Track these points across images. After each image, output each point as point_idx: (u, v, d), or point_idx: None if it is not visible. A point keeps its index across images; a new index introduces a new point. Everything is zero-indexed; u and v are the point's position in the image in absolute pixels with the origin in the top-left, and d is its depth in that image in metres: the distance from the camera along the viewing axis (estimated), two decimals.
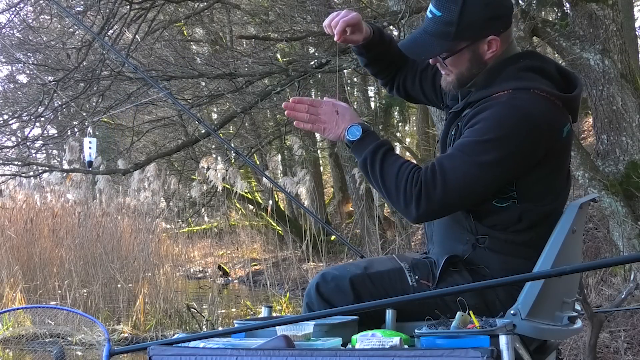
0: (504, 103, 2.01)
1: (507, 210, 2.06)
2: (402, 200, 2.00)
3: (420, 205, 1.97)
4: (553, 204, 2.11)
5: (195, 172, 11.27)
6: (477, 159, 1.95)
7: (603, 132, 5.81)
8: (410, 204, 1.98)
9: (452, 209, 2.04)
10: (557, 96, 2.04)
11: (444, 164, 1.98)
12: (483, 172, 1.96)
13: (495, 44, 2.10)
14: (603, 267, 5.16)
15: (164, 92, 3.70)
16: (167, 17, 9.00)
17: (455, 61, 2.12)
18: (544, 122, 2.00)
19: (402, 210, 2.03)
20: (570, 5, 6.03)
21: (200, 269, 13.62)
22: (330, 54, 7.32)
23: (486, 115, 2.00)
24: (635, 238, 5.35)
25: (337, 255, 11.24)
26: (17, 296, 8.11)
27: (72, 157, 9.69)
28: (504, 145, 1.96)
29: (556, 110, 2.04)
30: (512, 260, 2.08)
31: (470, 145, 1.98)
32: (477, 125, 2.00)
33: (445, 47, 2.10)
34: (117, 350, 1.96)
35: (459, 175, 1.96)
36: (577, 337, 4.53)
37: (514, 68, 2.10)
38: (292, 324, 1.89)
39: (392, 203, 2.05)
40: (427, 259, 2.20)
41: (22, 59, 9.60)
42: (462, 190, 1.97)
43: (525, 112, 1.98)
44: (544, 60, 2.20)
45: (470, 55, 2.11)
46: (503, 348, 1.69)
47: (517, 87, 2.03)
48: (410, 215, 2.00)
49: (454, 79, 2.16)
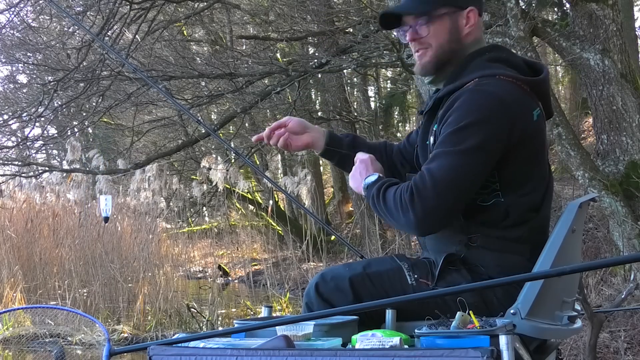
0: (471, 90, 2.03)
1: (493, 207, 2.07)
2: (401, 213, 1.99)
3: (415, 207, 1.96)
4: (534, 194, 2.11)
5: (197, 172, 11.28)
6: (459, 148, 1.96)
7: (603, 132, 5.81)
8: (407, 211, 1.97)
9: (451, 204, 1.99)
10: (523, 80, 2.07)
11: (430, 165, 1.99)
12: (469, 159, 1.96)
13: (473, 17, 2.15)
14: (603, 267, 5.16)
15: (164, 92, 3.70)
16: (167, 17, 9.00)
17: (435, 30, 2.15)
18: (514, 103, 2.02)
19: (404, 223, 2.00)
20: (570, 5, 6.04)
21: (200, 269, 13.63)
22: (330, 54, 7.33)
23: (457, 105, 2.02)
24: (635, 238, 5.36)
25: (337, 255, 11.25)
26: (17, 296, 8.12)
27: (74, 157, 9.68)
28: (482, 129, 1.97)
29: (524, 94, 2.06)
30: (506, 257, 2.09)
31: (448, 138, 1.98)
32: (450, 118, 2.01)
33: (427, 7, 2.14)
34: (117, 350, 1.96)
35: (447, 169, 1.95)
36: (577, 337, 4.53)
37: (480, 60, 2.13)
38: (292, 324, 1.89)
39: (397, 223, 2.04)
40: (426, 258, 2.21)
41: (22, 59, 9.61)
42: (454, 182, 1.96)
43: (494, 94, 2.01)
44: (509, 53, 2.25)
45: (450, 25, 2.14)
46: (503, 348, 1.69)
47: (483, 75, 2.06)
48: (410, 223, 1.98)
49: (432, 56, 2.17)
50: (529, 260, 2.08)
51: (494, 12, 6.03)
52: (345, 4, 9.57)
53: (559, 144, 5.48)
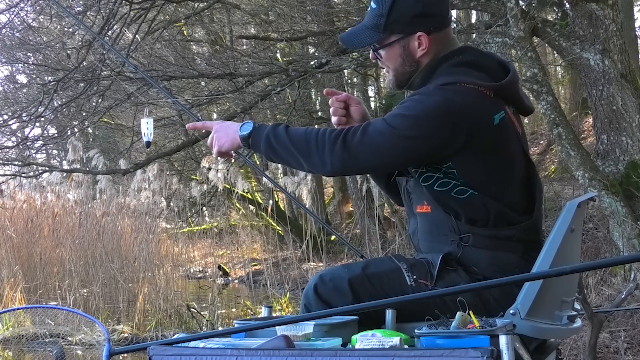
0: (429, 89, 2.11)
1: (470, 201, 2.10)
2: (315, 152, 2.06)
3: (335, 151, 2.04)
4: (511, 193, 2.14)
5: (197, 172, 11.27)
6: (396, 130, 2.04)
7: (603, 132, 5.81)
8: (325, 152, 2.05)
9: (365, 165, 2.08)
10: (485, 86, 2.10)
11: (369, 124, 2.10)
12: (399, 141, 2.04)
13: (424, 42, 2.18)
14: (603, 267, 5.17)
15: (164, 91, 3.70)
16: (167, 17, 9.00)
17: (388, 55, 2.22)
18: (465, 108, 2.06)
19: (316, 161, 2.07)
20: (570, 5, 6.04)
21: (200, 269, 13.62)
22: (330, 54, 7.33)
23: (411, 96, 2.12)
24: (635, 238, 5.35)
25: (337, 255, 11.25)
26: (17, 296, 8.11)
27: (74, 157, 9.68)
28: (422, 125, 2.04)
29: (484, 100, 2.09)
30: (499, 255, 2.11)
31: (394, 116, 2.08)
32: (404, 103, 2.10)
33: (375, 38, 2.21)
34: (117, 350, 1.96)
35: (377, 135, 2.04)
36: (577, 337, 4.53)
37: (447, 65, 2.17)
38: (292, 324, 1.89)
39: (305, 160, 2.09)
40: (424, 258, 2.21)
41: (22, 59, 9.61)
42: (377, 147, 2.04)
43: (447, 97, 2.06)
44: (479, 54, 2.28)
45: (401, 50, 2.20)
46: (503, 348, 1.69)
47: (445, 82, 2.10)
48: (324, 163, 2.06)
49: (393, 76, 2.26)
50: (523, 257, 2.11)
51: (494, 12, 6.03)
52: (345, 4, 9.56)
53: (559, 144, 5.48)
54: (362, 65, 8.42)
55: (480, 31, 6.00)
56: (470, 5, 6.58)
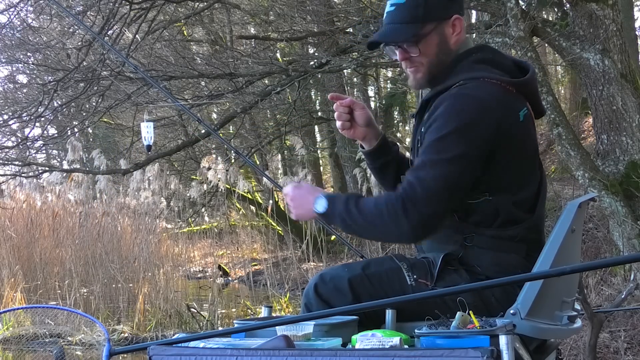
0: (454, 95, 2.04)
1: (483, 206, 2.08)
2: (392, 224, 1.98)
3: (409, 216, 1.95)
4: (524, 193, 2.12)
5: (197, 172, 11.27)
6: (445, 157, 1.97)
7: (603, 132, 5.81)
8: (400, 221, 1.96)
9: (443, 211, 2.00)
10: (507, 82, 2.08)
11: (417, 172, 2.00)
12: (456, 166, 1.97)
13: (459, 25, 2.15)
14: (603, 267, 5.16)
15: (165, 91, 3.70)
16: (167, 17, 8.99)
17: (425, 48, 2.14)
18: (497, 105, 2.03)
19: (396, 233, 1.99)
20: (570, 5, 6.03)
21: (200, 269, 13.62)
22: (330, 54, 7.32)
23: (440, 112, 2.03)
24: (635, 238, 5.35)
25: (337, 255, 11.24)
26: (17, 296, 8.11)
27: (74, 157, 9.68)
28: (465, 135, 1.99)
29: (509, 95, 2.07)
30: (502, 256, 2.10)
31: (433, 145, 2.00)
32: (434, 125, 2.03)
33: (415, 30, 2.12)
34: (117, 350, 1.96)
35: (437, 178, 1.96)
36: (577, 337, 4.53)
37: (467, 62, 2.14)
38: (292, 324, 1.89)
39: (385, 234, 2.04)
40: (424, 258, 2.21)
41: (22, 59, 9.60)
42: (445, 190, 1.97)
43: (476, 97, 2.02)
44: (496, 53, 2.25)
45: (438, 38, 2.14)
46: (503, 348, 1.69)
47: (467, 78, 2.07)
48: (405, 232, 1.97)
49: (425, 72, 2.17)
50: (525, 258, 2.10)
51: (494, 12, 6.03)
52: (345, 4, 9.56)
53: (559, 144, 5.48)
54: (362, 65, 8.42)
55: (480, 31, 6.00)
56: (470, 5, 6.58)
